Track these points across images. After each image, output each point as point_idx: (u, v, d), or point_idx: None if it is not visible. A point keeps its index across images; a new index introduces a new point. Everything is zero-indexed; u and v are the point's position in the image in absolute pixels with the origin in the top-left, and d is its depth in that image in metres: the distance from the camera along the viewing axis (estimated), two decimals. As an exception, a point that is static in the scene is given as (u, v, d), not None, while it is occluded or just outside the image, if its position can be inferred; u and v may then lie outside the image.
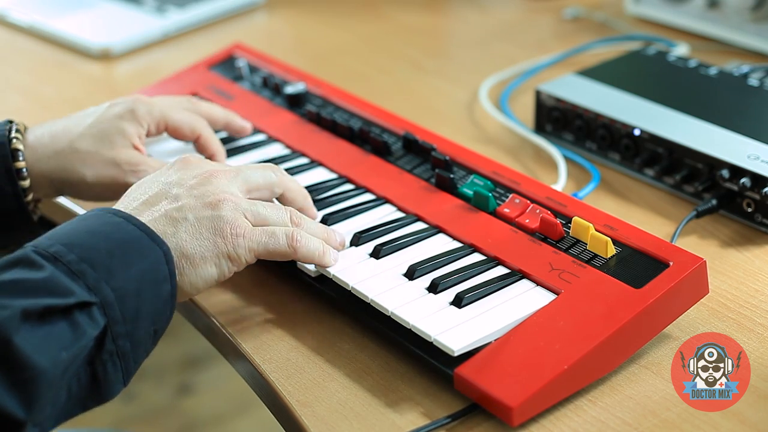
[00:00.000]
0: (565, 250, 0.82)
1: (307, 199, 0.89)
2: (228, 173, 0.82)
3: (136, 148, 0.94)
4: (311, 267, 0.84)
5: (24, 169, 0.91)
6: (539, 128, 1.12)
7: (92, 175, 0.93)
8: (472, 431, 0.73)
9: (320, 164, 1.00)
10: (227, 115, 1.04)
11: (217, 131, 1.03)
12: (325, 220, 0.90)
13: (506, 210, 0.87)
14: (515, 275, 0.81)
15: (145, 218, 0.76)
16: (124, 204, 0.79)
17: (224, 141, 1.05)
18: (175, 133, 0.99)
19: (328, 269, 0.83)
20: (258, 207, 0.81)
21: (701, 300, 0.80)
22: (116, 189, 0.92)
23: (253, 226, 0.80)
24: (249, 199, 0.82)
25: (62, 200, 1.05)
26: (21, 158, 0.91)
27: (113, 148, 0.93)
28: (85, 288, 0.69)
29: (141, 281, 0.72)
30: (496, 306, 0.78)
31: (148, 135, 0.97)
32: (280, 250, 0.80)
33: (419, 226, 0.89)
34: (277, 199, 0.87)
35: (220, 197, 0.79)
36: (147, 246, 0.74)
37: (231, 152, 1.03)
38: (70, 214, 1.03)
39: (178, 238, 0.76)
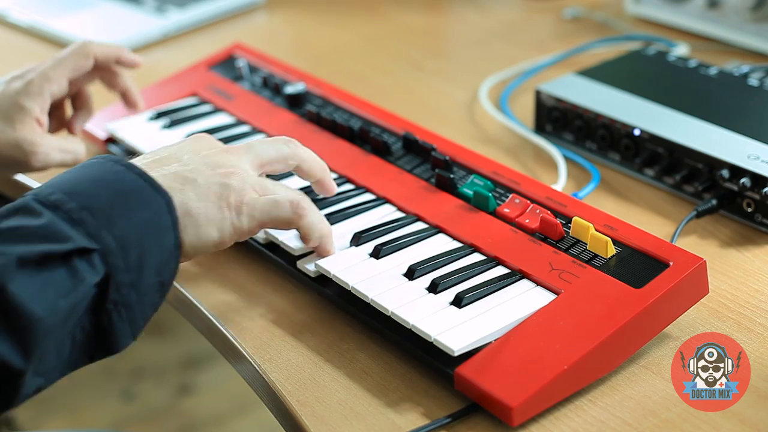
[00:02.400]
0: (565, 250, 0.82)
1: (326, 171, 0.88)
2: (240, 149, 0.82)
3: (38, 122, 0.97)
4: (311, 267, 0.84)
5: None
6: (539, 128, 1.12)
7: None
8: (472, 431, 0.73)
9: (320, 164, 1.00)
10: (117, 48, 1.06)
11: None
12: (325, 220, 0.90)
13: (506, 210, 0.87)
14: (515, 275, 0.81)
15: (152, 173, 0.76)
16: (135, 160, 0.79)
17: (223, 142, 1.05)
18: (78, 75, 1.02)
19: (328, 269, 0.83)
20: (267, 182, 0.81)
21: (701, 300, 0.80)
22: (18, 169, 0.98)
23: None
24: (260, 175, 0.82)
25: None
26: None
27: (14, 128, 0.96)
28: (84, 235, 0.69)
29: (143, 230, 0.71)
30: (496, 306, 0.78)
31: (55, 98, 1.00)
32: (283, 217, 0.80)
33: (419, 226, 0.89)
34: (294, 172, 0.86)
35: (230, 170, 0.79)
36: (149, 195, 0.73)
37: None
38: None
39: (185, 195, 0.76)
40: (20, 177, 1.09)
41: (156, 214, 0.73)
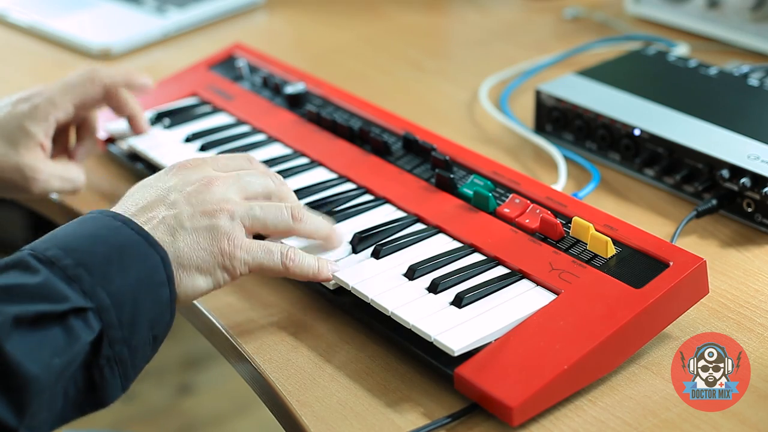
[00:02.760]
0: (565, 250, 0.82)
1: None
2: (227, 179, 0.81)
3: (41, 147, 0.96)
4: (311, 267, 0.84)
5: None
6: (539, 128, 1.12)
7: None
8: (472, 431, 0.73)
9: (320, 164, 1.00)
10: (126, 73, 1.05)
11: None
12: (325, 220, 0.90)
13: (506, 210, 0.87)
14: (515, 275, 0.81)
15: (143, 224, 0.76)
16: (123, 207, 0.79)
17: (223, 142, 1.05)
18: (85, 104, 1.00)
19: (328, 269, 0.83)
20: (255, 210, 0.81)
21: (701, 300, 0.80)
22: (16, 193, 0.97)
23: (251, 231, 0.80)
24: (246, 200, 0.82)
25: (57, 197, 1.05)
26: None
27: (18, 152, 0.95)
28: (80, 293, 0.69)
29: (138, 286, 0.72)
30: (496, 306, 0.78)
31: (60, 124, 0.99)
32: (273, 268, 0.80)
33: (419, 226, 0.89)
34: None
35: (217, 207, 0.79)
36: (145, 251, 0.73)
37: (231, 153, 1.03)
38: (68, 212, 1.04)
39: (176, 247, 0.76)
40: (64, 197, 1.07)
41: (151, 270, 0.73)
